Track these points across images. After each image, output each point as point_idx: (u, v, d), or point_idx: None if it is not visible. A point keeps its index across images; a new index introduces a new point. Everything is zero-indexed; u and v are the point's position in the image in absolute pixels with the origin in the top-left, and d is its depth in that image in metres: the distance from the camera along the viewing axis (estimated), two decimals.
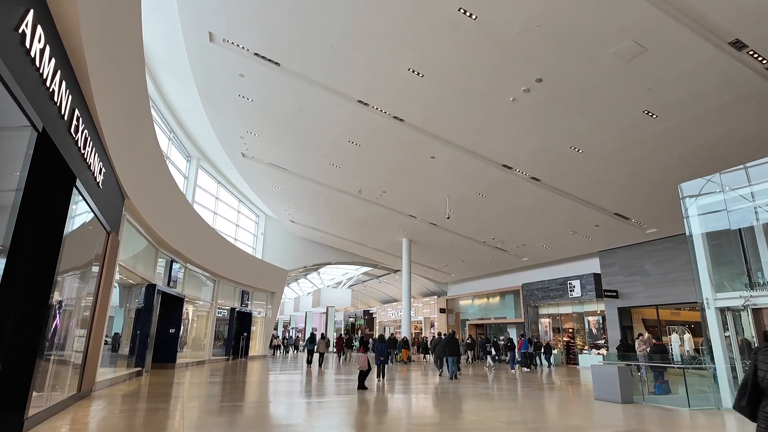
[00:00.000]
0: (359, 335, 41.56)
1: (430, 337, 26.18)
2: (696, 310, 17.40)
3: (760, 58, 8.10)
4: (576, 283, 20.85)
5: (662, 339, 15.13)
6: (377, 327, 41.04)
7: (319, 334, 22.11)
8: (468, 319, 29.52)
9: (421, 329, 34.64)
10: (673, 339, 16.41)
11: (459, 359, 14.76)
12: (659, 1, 7.31)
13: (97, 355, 8.07)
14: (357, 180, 16.91)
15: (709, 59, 8.30)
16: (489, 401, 9.07)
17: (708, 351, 14.73)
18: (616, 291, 19.00)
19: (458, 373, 14.66)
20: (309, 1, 8.51)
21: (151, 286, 12.49)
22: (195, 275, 17.36)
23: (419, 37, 8.99)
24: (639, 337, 13.10)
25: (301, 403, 8.56)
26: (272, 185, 20.47)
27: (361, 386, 10.40)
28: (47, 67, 3.85)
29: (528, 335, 22.58)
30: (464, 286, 30.30)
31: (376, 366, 13.78)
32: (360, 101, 11.63)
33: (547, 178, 14.09)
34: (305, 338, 29.84)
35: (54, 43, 4.04)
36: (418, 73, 10.06)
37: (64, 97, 4.37)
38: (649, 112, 10.08)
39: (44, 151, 4.35)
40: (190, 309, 17.54)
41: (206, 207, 21.00)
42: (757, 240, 8.26)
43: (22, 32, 3.36)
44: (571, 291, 21.11)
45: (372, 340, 22.93)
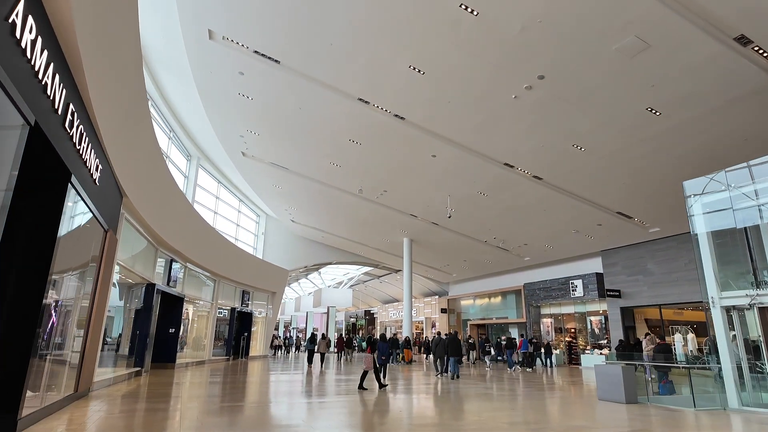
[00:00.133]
0: (361, 335, 41.51)
1: (431, 337, 26.04)
2: (699, 310, 17.31)
3: (766, 54, 8.00)
4: (578, 282, 20.76)
5: (665, 339, 14.98)
6: (378, 327, 40.94)
7: (319, 335, 22.02)
8: (469, 319, 29.41)
9: (422, 329, 34.54)
10: (677, 339, 16.31)
11: (461, 359, 14.67)
12: None
13: (94, 354, 7.99)
14: (357, 179, 16.83)
15: (714, 55, 8.20)
16: (491, 401, 8.97)
17: (712, 350, 14.71)
18: (618, 291, 18.89)
19: (445, 373, 14.63)
20: None
21: (151, 286, 12.41)
22: (195, 275, 17.28)
23: (420, 34, 8.90)
24: (647, 336, 12.96)
25: (301, 403, 8.47)
26: (273, 184, 20.40)
27: (360, 386, 10.34)
28: (39, 58, 3.76)
29: (528, 335, 22.47)
30: (466, 286, 30.19)
31: (378, 366, 13.71)
32: (360, 99, 11.55)
33: (548, 176, 14.00)
34: (306, 338, 29.71)
35: (46, 34, 3.95)
36: (418, 71, 9.97)
37: (57, 91, 4.28)
38: (653, 109, 9.98)
39: (37, 145, 4.26)
40: (190, 309, 17.46)
41: (207, 206, 20.94)
42: (762, 238, 8.15)
43: (12, 22, 3.28)
44: (573, 291, 21.01)
45: (374, 340, 22.78)
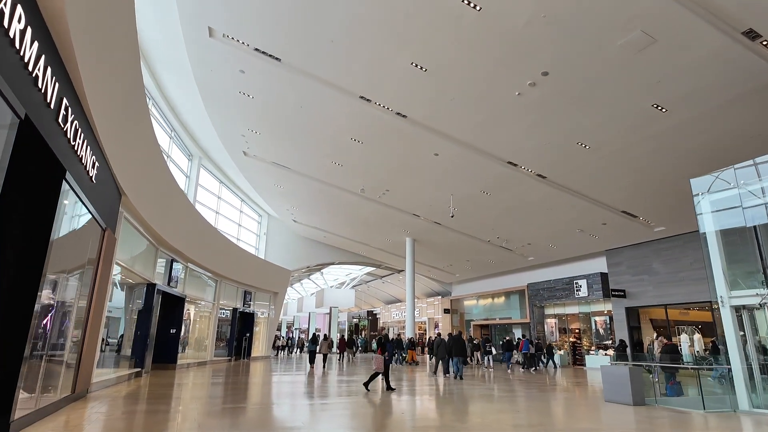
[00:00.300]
0: (363, 336, 41.38)
1: (433, 338, 25.85)
2: (705, 310, 17.11)
3: None
4: (582, 282, 20.58)
5: (672, 339, 14.79)
6: (387, 328, 40.79)
7: (321, 335, 21.93)
8: (473, 320, 29.24)
9: (425, 330, 34.37)
10: (683, 339, 16.13)
11: (466, 360, 14.55)
12: None
13: (92, 355, 7.89)
14: (359, 178, 16.72)
15: (721, 50, 8.04)
16: (495, 403, 8.83)
17: (716, 351, 14.54)
18: (623, 290, 18.71)
19: (449, 374, 14.57)
20: None
21: (151, 286, 12.32)
22: (196, 275, 17.20)
23: (421, 30, 8.77)
24: (658, 338, 12.72)
25: (303, 405, 8.35)
26: (274, 184, 20.31)
27: (366, 385, 10.25)
28: (29, 50, 3.65)
29: (529, 336, 22.32)
30: (469, 286, 30.03)
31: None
32: (362, 97, 11.43)
33: (552, 175, 13.84)
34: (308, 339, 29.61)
35: (37, 25, 3.84)
36: (420, 68, 9.84)
37: (49, 84, 4.17)
38: (659, 105, 9.81)
39: (29, 140, 4.15)
40: (191, 309, 17.37)
41: (208, 206, 20.86)
42: None
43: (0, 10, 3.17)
44: (577, 291, 20.82)
45: (376, 341, 22.71)
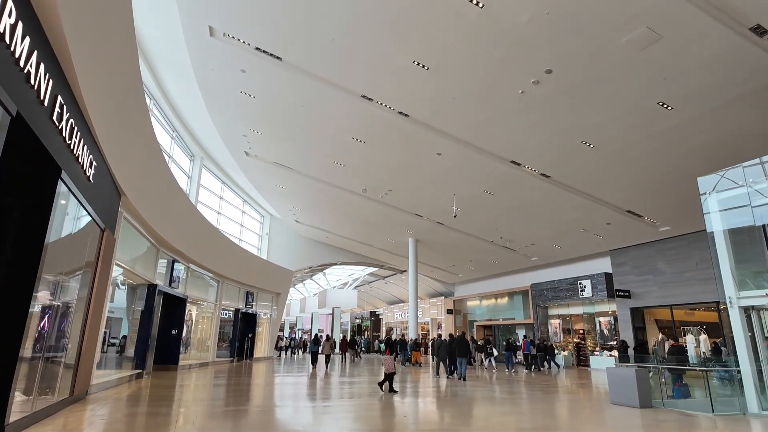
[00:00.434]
0: (366, 337, 41.28)
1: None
2: (711, 310, 16.93)
3: None
4: (587, 282, 20.41)
5: (678, 340, 14.62)
6: (384, 328, 40.69)
7: (324, 336, 21.85)
8: (476, 320, 29.09)
9: (428, 330, 34.22)
10: (689, 340, 15.95)
11: (470, 360, 14.45)
12: None
13: (91, 356, 7.81)
14: (361, 178, 16.62)
15: (728, 47, 7.90)
16: (499, 405, 8.70)
17: (717, 352, 14.37)
18: (628, 291, 18.53)
19: (452, 375, 14.55)
20: None
21: (152, 287, 12.25)
22: (198, 276, 17.13)
23: (424, 28, 8.67)
24: (668, 339, 12.54)
25: (305, 407, 8.25)
26: (276, 184, 20.24)
27: (391, 389, 10.12)
28: (20, 45, 3.56)
29: (531, 337, 22.16)
30: (472, 287, 29.88)
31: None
32: (363, 96, 11.33)
33: (556, 174, 13.70)
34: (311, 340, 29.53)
35: (28, 18, 3.74)
36: (422, 66, 9.74)
37: (42, 81, 4.08)
38: (664, 103, 9.68)
39: (21, 138, 4.06)
40: (193, 310, 17.31)
41: (210, 207, 20.81)
42: None
43: None
44: (581, 291, 20.66)
45: (378, 342, 22.59)
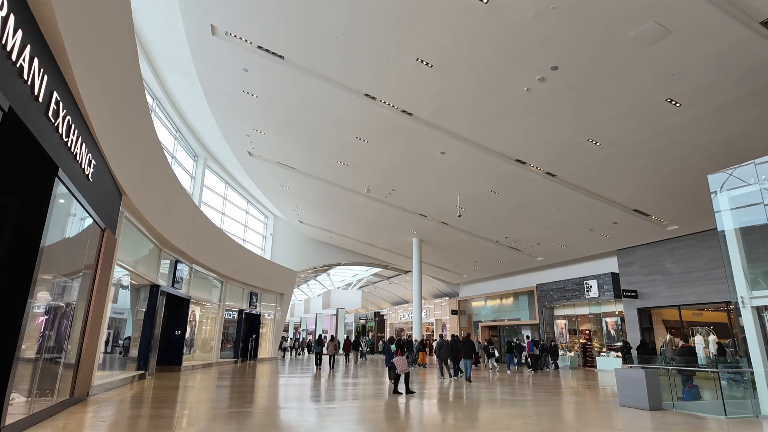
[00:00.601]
0: (370, 337, 41.17)
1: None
2: (720, 311, 16.68)
3: None
4: (593, 283, 20.19)
5: (688, 341, 14.38)
6: (388, 329, 40.56)
7: (328, 336, 21.76)
8: (481, 321, 28.90)
9: (432, 331, 34.06)
10: (697, 341, 15.73)
11: (477, 361, 14.33)
12: None
13: (92, 357, 7.73)
14: (365, 178, 16.51)
15: (739, 41, 7.73)
16: (505, 407, 8.55)
17: (722, 352, 14.13)
18: (635, 291, 18.31)
19: (456, 376, 14.48)
20: None
21: (155, 287, 12.19)
22: (202, 276, 17.08)
23: (427, 24, 8.55)
24: (676, 339, 12.33)
25: (309, 408, 8.13)
26: (279, 184, 20.18)
27: (408, 390, 10.06)
28: (12, 38, 3.47)
29: (534, 337, 21.96)
30: (477, 287, 29.70)
31: (388, 369, 13.36)
32: (366, 95, 11.23)
33: (562, 173, 13.53)
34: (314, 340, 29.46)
35: (21, 12, 3.65)
36: (426, 63, 9.62)
37: (37, 76, 3.99)
38: (673, 100, 9.50)
39: (15, 135, 3.98)
40: (197, 311, 17.26)
41: (214, 207, 20.78)
42: None
43: None
44: (587, 291, 20.44)
45: (383, 342, 22.47)
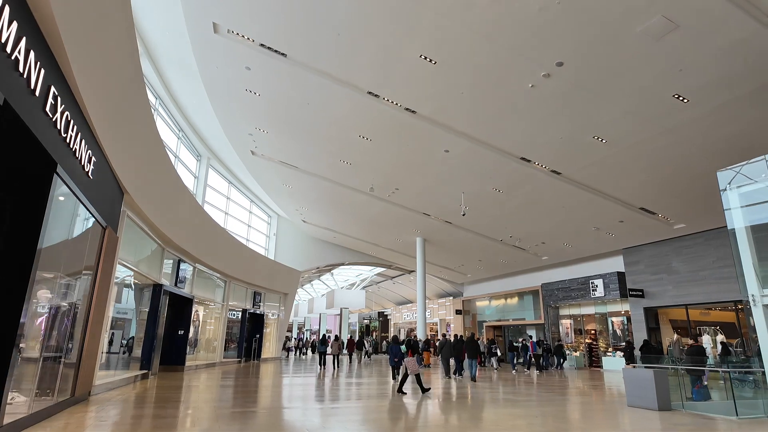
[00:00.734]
0: (374, 337, 41.08)
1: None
2: (728, 310, 16.47)
3: None
4: (599, 282, 20.01)
5: (697, 340, 14.22)
6: (392, 329, 40.46)
7: (332, 336, 21.69)
8: (485, 321, 28.74)
9: (436, 331, 33.93)
10: (705, 341, 15.55)
11: (482, 361, 14.25)
12: None
13: (94, 357, 7.68)
14: (368, 177, 16.42)
15: (748, 35, 7.58)
16: (510, 407, 8.43)
17: (726, 352, 13.94)
18: (641, 290, 18.11)
19: (460, 376, 14.41)
20: None
21: (158, 287, 12.15)
22: (206, 276, 17.05)
23: (431, 20, 8.45)
24: (683, 339, 12.15)
25: (313, 408, 8.05)
26: (283, 184, 20.13)
27: (423, 389, 10.00)
28: (7, 30, 3.40)
29: (540, 337, 21.79)
30: (481, 287, 29.55)
31: (391, 368, 13.31)
32: (369, 92, 11.14)
33: (567, 171, 13.38)
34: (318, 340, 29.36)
35: (15, 3, 3.56)
36: (430, 60, 9.52)
37: (33, 70, 3.92)
38: (680, 96, 9.34)
39: (11, 129, 3.90)
40: (200, 310, 17.23)
41: (217, 207, 20.75)
42: None
43: None
44: (593, 291, 20.26)
45: (387, 342, 22.37)
